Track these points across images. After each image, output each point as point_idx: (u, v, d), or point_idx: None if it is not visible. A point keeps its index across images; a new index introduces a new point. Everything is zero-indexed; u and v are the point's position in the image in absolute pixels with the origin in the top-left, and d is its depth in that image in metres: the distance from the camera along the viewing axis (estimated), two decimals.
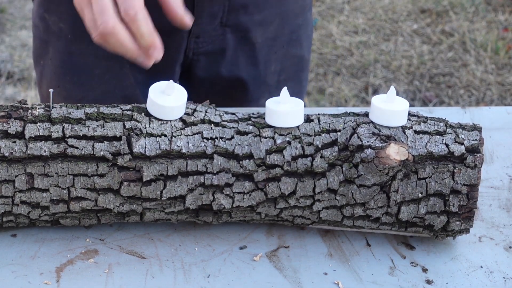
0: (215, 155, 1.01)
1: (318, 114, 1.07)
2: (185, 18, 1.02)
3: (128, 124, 1.01)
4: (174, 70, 1.41)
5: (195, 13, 1.33)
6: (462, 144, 1.03)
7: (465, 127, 1.06)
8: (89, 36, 1.36)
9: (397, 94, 1.05)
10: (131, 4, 0.97)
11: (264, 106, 1.06)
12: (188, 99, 1.00)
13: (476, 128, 1.05)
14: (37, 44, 1.44)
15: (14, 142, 0.99)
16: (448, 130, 1.04)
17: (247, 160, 1.01)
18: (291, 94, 1.09)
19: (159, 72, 1.40)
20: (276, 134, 1.03)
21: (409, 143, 1.02)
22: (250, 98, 1.45)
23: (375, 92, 3.50)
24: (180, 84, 1.48)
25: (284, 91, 1.04)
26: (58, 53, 1.39)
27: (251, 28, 1.39)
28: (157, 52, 1.01)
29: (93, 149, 0.99)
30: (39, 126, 0.99)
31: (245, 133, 1.03)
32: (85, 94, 1.39)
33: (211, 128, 1.03)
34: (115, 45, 0.99)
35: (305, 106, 1.10)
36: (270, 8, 1.39)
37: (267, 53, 1.43)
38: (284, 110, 1.03)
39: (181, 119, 1.03)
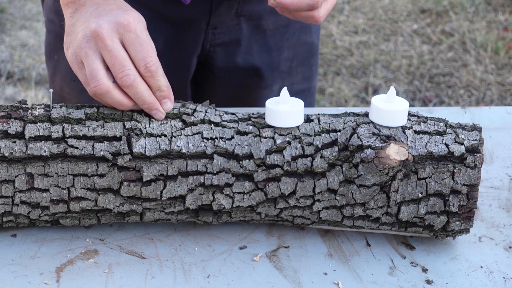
0: (215, 155, 1.01)
1: (318, 114, 1.07)
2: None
3: (128, 124, 1.01)
4: (191, 62, 1.43)
5: (213, 5, 1.34)
6: (462, 144, 1.03)
7: (465, 127, 1.06)
8: None
9: (397, 94, 1.05)
10: (152, 61, 1.01)
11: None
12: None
13: (476, 128, 1.05)
14: (51, 38, 1.44)
15: (14, 142, 0.99)
16: (448, 130, 1.04)
17: (247, 160, 1.01)
18: (303, 79, 1.09)
19: (176, 64, 1.41)
20: (276, 134, 1.03)
21: (409, 143, 1.02)
22: (264, 85, 1.48)
23: (375, 92, 3.50)
24: (196, 76, 1.50)
25: (284, 91, 1.04)
26: None
27: (263, 16, 1.42)
28: (170, 105, 1.03)
29: (93, 149, 0.99)
30: (39, 126, 0.99)
31: (245, 133, 1.03)
32: None
33: (211, 128, 1.03)
34: (112, 102, 1.01)
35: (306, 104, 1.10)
36: None
37: (280, 40, 1.46)
38: (284, 110, 1.03)
39: (181, 119, 1.03)
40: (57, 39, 1.42)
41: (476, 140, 1.03)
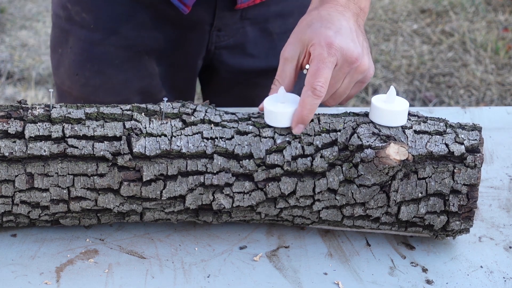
0: (215, 155, 1.01)
1: (318, 114, 1.07)
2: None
3: (128, 124, 1.01)
4: (196, 63, 1.43)
5: (217, 7, 1.34)
6: (462, 144, 1.03)
7: (465, 127, 1.05)
8: (110, 27, 1.37)
9: (397, 94, 1.05)
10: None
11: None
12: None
13: (476, 128, 1.05)
14: (57, 32, 1.45)
15: (14, 142, 0.99)
16: (448, 130, 1.04)
17: (247, 160, 1.01)
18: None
19: (182, 65, 1.42)
20: (276, 134, 1.03)
21: (409, 143, 1.02)
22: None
23: (375, 92, 3.50)
24: (201, 77, 1.50)
25: (281, 90, 1.04)
26: (79, 41, 1.41)
27: (269, 19, 1.42)
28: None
29: (93, 149, 0.99)
30: (39, 126, 0.99)
31: (245, 133, 1.03)
32: (103, 82, 1.41)
33: (211, 128, 1.02)
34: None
35: None
36: (287, 0, 1.42)
37: None
38: (283, 111, 1.03)
39: (181, 119, 1.03)
40: (62, 33, 1.43)
41: (476, 140, 1.03)
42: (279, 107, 1.03)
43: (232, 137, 1.02)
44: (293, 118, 1.03)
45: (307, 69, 1.05)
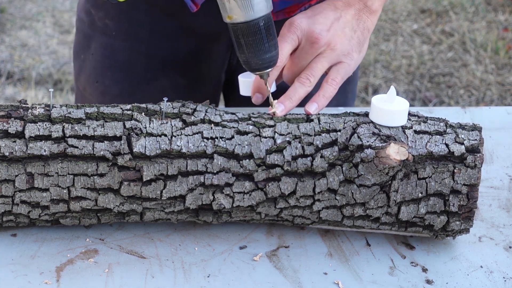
0: (215, 155, 1.01)
1: (318, 114, 1.07)
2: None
3: (128, 124, 1.01)
4: (220, 77, 1.41)
5: None
6: (462, 144, 1.03)
7: (465, 127, 1.05)
8: (134, 34, 1.35)
9: (397, 94, 1.05)
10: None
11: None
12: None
13: (476, 128, 1.05)
14: (80, 37, 1.44)
15: (14, 141, 0.99)
16: (448, 130, 1.04)
17: (247, 160, 1.01)
18: (336, 105, 1.12)
19: (205, 78, 1.39)
20: (276, 134, 1.03)
21: (409, 143, 1.02)
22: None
23: (375, 92, 3.50)
24: (224, 90, 1.47)
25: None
26: (100, 48, 1.39)
27: None
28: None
29: (93, 149, 0.99)
30: (39, 125, 0.99)
31: (245, 133, 1.03)
32: (122, 91, 1.39)
33: (211, 127, 1.03)
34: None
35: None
36: None
37: None
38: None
39: (181, 118, 1.03)
40: (84, 38, 1.42)
41: (476, 140, 1.03)
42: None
43: (232, 137, 1.02)
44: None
45: None
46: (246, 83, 1.17)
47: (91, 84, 1.41)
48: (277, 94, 1.12)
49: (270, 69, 1.07)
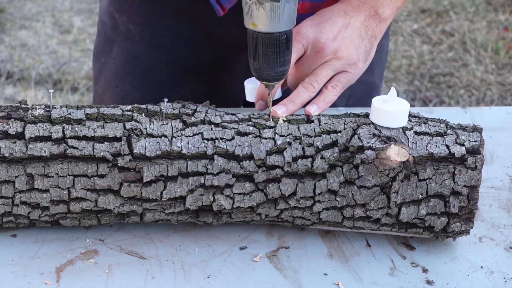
0: (215, 156, 1.01)
1: (319, 115, 1.07)
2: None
3: (128, 125, 1.01)
4: (241, 86, 1.39)
5: None
6: (463, 145, 1.03)
7: (466, 128, 1.05)
8: (157, 41, 1.34)
9: (397, 94, 1.05)
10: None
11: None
12: None
13: (476, 129, 1.05)
14: (101, 40, 1.42)
15: (14, 142, 0.99)
16: (449, 131, 1.04)
17: (248, 161, 1.01)
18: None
19: (226, 87, 1.38)
20: (276, 135, 1.03)
21: (409, 144, 1.02)
22: None
23: None
24: (245, 103, 1.47)
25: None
26: (123, 53, 1.37)
27: None
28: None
29: (93, 150, 0.99)
30: (39, 126, 0.99)
31: (246, 134, 1.03)
32: (142, 97, 1.35)
33: (212, 128, 1.02)
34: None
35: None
36: None
37: None
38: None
39: (181, 119, 1.03)
40: (106, 42, 1.40)
41: (476, 141, 1.03)
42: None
43: (233, 138, 1.02)
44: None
45: None
46: (253, 89, 1.18)
47: (111, 88, 1.39)
48: (281, 100, 1.12)
49: (278, 82, 1.07)
